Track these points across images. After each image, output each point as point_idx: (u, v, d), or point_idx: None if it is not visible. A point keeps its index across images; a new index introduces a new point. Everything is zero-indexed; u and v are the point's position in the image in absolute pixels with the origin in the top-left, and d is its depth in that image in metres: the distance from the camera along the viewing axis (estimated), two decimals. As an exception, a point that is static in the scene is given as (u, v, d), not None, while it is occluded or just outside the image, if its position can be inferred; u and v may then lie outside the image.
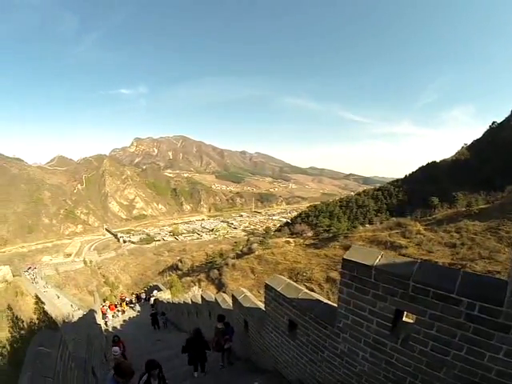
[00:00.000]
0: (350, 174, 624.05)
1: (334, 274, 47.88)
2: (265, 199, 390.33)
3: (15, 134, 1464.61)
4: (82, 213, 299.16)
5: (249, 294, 9.50)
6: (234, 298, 9.86)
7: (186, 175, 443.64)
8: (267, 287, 7.14)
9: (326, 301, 5.88)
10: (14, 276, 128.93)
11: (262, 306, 8.54)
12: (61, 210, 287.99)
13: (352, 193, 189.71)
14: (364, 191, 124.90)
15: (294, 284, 6.69)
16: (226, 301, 11.83)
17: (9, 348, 22.17)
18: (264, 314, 7.76)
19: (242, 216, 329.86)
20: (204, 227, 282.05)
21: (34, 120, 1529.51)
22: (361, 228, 65.24)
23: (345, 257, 4.64)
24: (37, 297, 72.39)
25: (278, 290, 6.59)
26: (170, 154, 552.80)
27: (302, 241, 68.36)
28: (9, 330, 23.35)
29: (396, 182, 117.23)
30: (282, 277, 7.07)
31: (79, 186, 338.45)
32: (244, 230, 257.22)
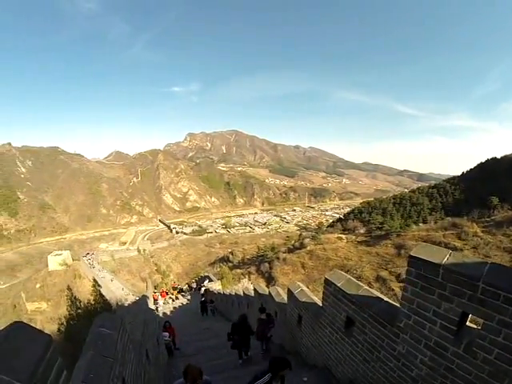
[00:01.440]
0: (405, 171, 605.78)
1: (384, 274, 46.68)
2: (318, 194, 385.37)
3: (76, 132, 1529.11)
4: (137, 204, 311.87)
5: (305, 288, 9.40)
6: (289, 292, 9.78)
7: (239, 169, 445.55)
8: (327, 282, 7.01)
9: (386, 299, 5.67)
10: (73, 260, 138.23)
11: (317, 300, 8.44)
12: (117, 202, 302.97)
13: (406, 190, 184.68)
14: (418, 188, 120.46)
15: (355, 280, 6.50)
16: (280, 294, 11.77)
17: (65, 324, 23.27)
18: (320, 309, 7.62)
19: (295, 210, 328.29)
20: (257, 221, 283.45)
21: (93, 119, 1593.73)
22: (414, 227, 63.07)
23: (412, 253, 4.41)
24: (94, 280, 75.55)
25: (338, 285, 6.41)
26: (223, 148, 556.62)
27: (353, 237, 66.94)
28: (67, 308, 24.38)
29: (452, 180, 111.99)
30: (343, 272, 6.92)
31: (135, 179, 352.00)
32: (297, 225, 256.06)
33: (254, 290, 15.27)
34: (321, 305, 7.69)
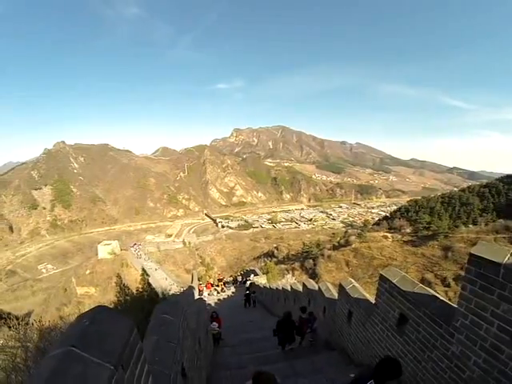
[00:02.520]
0: (454, 168, 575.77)
1: (430, 276, 45.34)
2: (364, 191, 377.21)
3: (125, 129, 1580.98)
4: (183, 198, 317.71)
5: (357, 284, 9.33)
6: (340, 287, 9.72)
7: (286, 164, 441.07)
8: (382, 278, 6.98)
9: (442, 298, 5.59)
10: (121, 250, 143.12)
11: (369, 297, 8.40)
12: (164, 195, 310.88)
13: (455, 188, 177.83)
14: (469, 187, 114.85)
15: (410, 277, 6.44)
16: (330, 289, 11.74)
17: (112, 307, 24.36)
18: (372, 306, 7.59)
19: (341, 207, 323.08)
20: (303, 216, 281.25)
21: (141, 117, 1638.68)
22: (463, 228, 60.38)
23: (472, 251, 4.31)
24: (143, 269, 77.76)
25: (394, 281, 6.34)
26: (269, 143, 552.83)
27: (399, 237, 65.38)
28: (115, 295, 25.29)
29: (506, 179, 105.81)
30: (397, 269, 6.86)
31: (181, 173, 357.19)
32: (342, 222, 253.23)
33: (303, 284, 15.25)
34: (372, 301, 7.66)
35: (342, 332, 9.95)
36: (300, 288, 16.40)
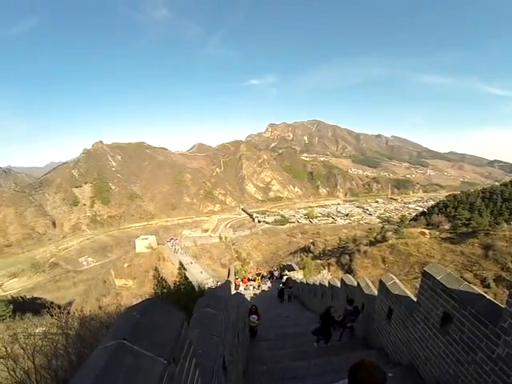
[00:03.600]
0: (495, 161, 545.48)
1: (469, 276, 43.00)
2: (401, 186, 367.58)
3: (160, 126, 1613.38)
4: (219, 193, 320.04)
5: (397, 281, 9.10)
6: (381, 284, 9.45)
7: (322, 159, 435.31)
8: (425, 275, 6.72)
9: (488, 297, 5.35)
10: (158, 244, 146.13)
11: (410, 294, 8.18)
12: (200, 191, 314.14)
13: (497, 183, 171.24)
14: (511, 181, 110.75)
15: (455, 275, 6.22)
16: (369, 286, 11.56)
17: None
18: (413, 304, 7.38)
19: (377, 202, 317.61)
20: (339, 212, 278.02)
21: (176, 115, 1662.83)
22: (505, 225, 56.66)
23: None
24: (180, 263, 79.06)
25: (438, 278, 6.11)
26: (305, 138, 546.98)
27: (437, 233, 63.12)
28: (153, 287, 25.83)
29: None
30: (442, 266, 6.63)
31: (217, 169, 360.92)
32: (379, 217, 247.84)
33: (342, 280, 15.11)
34: (414, 299, 7.46)
35: (380, 330, 9.74)
36: (338, 284, 16.24)
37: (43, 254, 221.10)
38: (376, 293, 10.38)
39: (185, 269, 65.29)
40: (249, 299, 31.38)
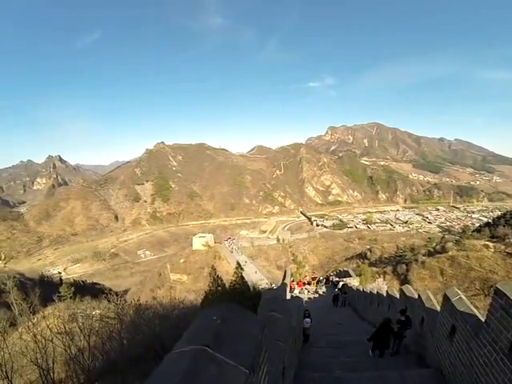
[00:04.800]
0: None
1: None
2: (464, 193, 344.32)
3: (221, 128, 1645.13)
4: (279, 196, 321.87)
5: (464, 296, 8.60)
6: (445, 298, 8.86)
7: (382, 163, 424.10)
8: (497, 293, 6.06)
9: None
10: (215, 243, 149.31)
11: (477, 313, 7.71)
12: (260, 193, 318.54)
13: None
14: None
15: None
16: (431, 299, 11.06)
17: (203, 296, 26.03)
18: (480, 324, 6.94)
19: (438, 210, 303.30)
20: (398, 218, 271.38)
21: (236, 117, 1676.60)
22: None
23: None
24: (238, 263, 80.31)
25: (512, 297, 5.71)
26: (365, 141, 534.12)
27: (503, 247, 59.27)
28: (208, 285, 26.43)
29: None
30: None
31: (278, 171, 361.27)
32: (439, 226, 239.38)
33: (401, 291, 14.60)
34: (482, 318, 7.03)
35: (439, 348, 9.15)
36: (396, 294, 15.76)
37: (105, 245, 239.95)
38: (437, 307, 9.90)
39: (242, 268, 65.94)
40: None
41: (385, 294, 18.14)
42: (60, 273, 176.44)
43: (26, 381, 9.72)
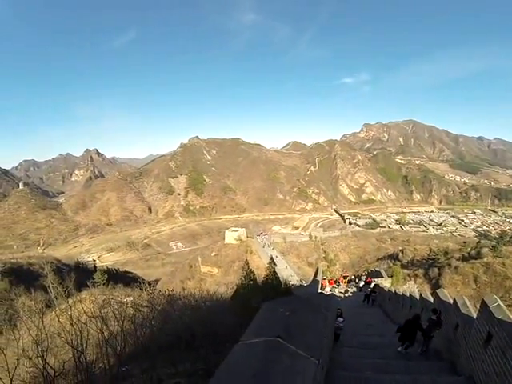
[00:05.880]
0: None
1: None
2: (503, 196, 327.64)
3: (256, 123, 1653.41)
4: (313, 192, 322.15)
5: (502, 303, 8.33)
6: (483, 304, 8.62)
7: (417, 162, 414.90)
8: None
9: None
10: (247, 237, 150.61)
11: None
12: (294, 189, 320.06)
13: None
14: None
15: None
16: (467, 305, 10.78)
17: (234, 289, 26.59)
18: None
19: (474, 213, 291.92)
20: (432, 220, 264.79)
21: (271, 111, 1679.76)
22: None
23: None
24: (271, 258, 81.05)
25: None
26: (400, 139, 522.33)
27: None
28: (240, 278, 26.78)
29: None
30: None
31: (312, 168, 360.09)
32: (475, 230, 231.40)
33: (435, 294, 14.30)
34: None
35: (473, 356, 8.87)
36: (430, 297, 15.49)
37: (138, 235, 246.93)
38: (473, 314, 9.64)
39: (275, 264, 66.35)
40: (333, 301, 31.13)
41: (417, 297, 17.88)
42: (94, 260, 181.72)
43: (59, 360, 10.11)
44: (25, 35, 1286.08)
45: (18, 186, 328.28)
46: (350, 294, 40.06)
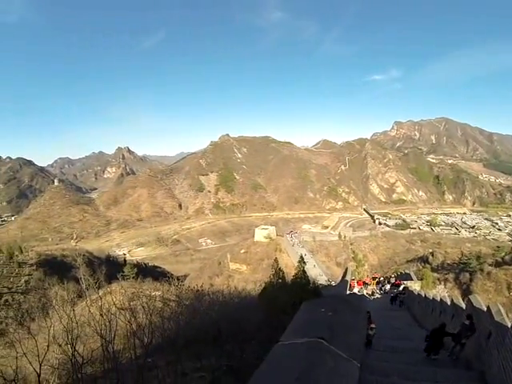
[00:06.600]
0: None
1: None
2: None
3: (285, 121, 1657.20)
4: (343, 191, 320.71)
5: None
6: None
7: (450, 161, 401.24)
8: None
9: None
10: (276, 235, 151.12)
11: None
12: (324, 187, 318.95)
13: None
14: None
15: None
16: (501, 313, 10.41)
17: (262, 286, 26.88)
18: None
19: (509, 216, 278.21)
20: (464, 222, 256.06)
21: (301, 109, 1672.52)
22: None
23: None
24: (301, 257, 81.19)
25: None
26: (432, 137, 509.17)
27: None
28: (269, 276, 26.97)
29: None
30: None
31: (342, 166, 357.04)
32: (510, 234, 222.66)
33: (468, 300, 13.97)
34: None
35: (505, 367, 8.63)
36: (462, 304, 15.10)
37: (168, 231, 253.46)
38: (508, 323, 9.31)
39: (304, 262, 66.39)
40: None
41: (448, 303, 17.46)
42: (125, 254, 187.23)
43: (88, 348, 10.46)
44: (57, 38, 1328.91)
45: (54, 182, 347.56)
46: (378, 296, 39.74)
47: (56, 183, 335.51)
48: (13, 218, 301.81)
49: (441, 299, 19.85)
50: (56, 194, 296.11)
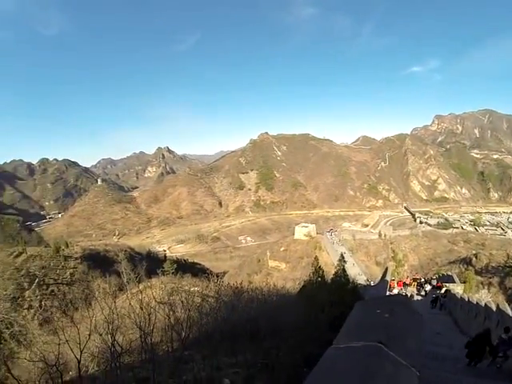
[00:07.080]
0: None
1: None
2: None
3: (324, 118, 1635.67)
4: (383, 189, 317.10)
5: None
6: None
7: (495, 157, 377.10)
8: None
9: None
10: (316, 233, 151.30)
11: None
12: (364, 185, 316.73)
13: None
14: None
15: None
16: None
17: (301, 285, 26.82)
18: None
19: None
20: (511, 222, 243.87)
21: (339, 105, 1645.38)
22: None
23: None
24: (341, 255, 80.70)
25: None
26: (475, 131, 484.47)
27: None
28: (309, 275, 26.83)
29: None
30: None
31: (382, 163, 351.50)
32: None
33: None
34: None
35: None
36: (509, 310, 14.51)
37: (208, 229, 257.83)
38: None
39: (345, 261, 65.87)
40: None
41: (494, 309, 16.83)
42: (165, 250, 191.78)
43: (127, 339, 10.86)
44: (94, 45, 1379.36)
45: (97, 181, 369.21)
46: (419, 298, 38.98)
47: (99, 183, 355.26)
48: (59, 216, 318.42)
49: (485, 304, 19.13)
50: (99, 192, 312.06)
